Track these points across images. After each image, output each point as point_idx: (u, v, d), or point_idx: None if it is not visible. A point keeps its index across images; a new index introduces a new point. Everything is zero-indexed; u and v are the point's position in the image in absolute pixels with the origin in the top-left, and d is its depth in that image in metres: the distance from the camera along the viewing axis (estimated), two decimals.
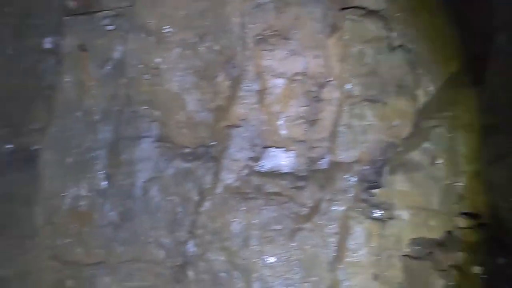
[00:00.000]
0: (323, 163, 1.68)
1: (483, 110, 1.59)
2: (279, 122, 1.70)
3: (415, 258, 1.58)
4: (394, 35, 1.67)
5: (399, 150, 1.64)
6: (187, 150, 1.74)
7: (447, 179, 1.60)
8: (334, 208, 1.64)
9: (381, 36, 1.67)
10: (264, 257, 1.64)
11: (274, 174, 1.69)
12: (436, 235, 1.58)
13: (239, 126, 1.71)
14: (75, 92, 1.81)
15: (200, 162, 1.72)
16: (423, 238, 1.59)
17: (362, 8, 1.68)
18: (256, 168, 1.70)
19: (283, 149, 1.70)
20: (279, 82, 1.71)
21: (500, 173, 1.50)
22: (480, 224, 1.57)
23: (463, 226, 1.58)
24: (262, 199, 1.68)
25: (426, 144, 1.61)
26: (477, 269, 1.55)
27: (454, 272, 1.56)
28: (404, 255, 1.58)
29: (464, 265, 1.56)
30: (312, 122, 1.69)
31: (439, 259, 1.56)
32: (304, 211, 1.66)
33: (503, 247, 1.51)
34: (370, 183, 1.64)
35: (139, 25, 1.79)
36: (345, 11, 1.69)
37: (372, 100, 1.66)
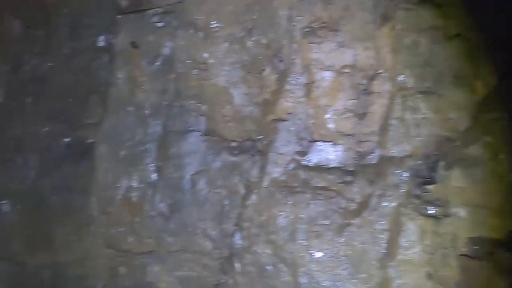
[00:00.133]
0: (373, 158, 1.62)
1: None
2: (327, 116, 1.67)
3: (474, 258, 1.49)
4: (450, 23, 1.58)
5: (456, 144, 1.55)
6: (234, 144, 1.76)
7: (510, 175, 1.49)
8: (384, 204, 1.58)
9: (436, 25, 1.59)
10: (311, 251, 1.62)
11: (321, 169, 1.67)
12: (498, 235, 1.48)
13: (286, 120, 1.70)
14: (127, 88, 1.89)
15: (247, 155, 1.73)
16: (483, 237, 1.49)
17: None
18: (303, 162, 1.68)
19: (331, 143, 1.66)
20: (327, 75, 1.68)
21: None
22: None
23: None
24: (309, 193, 1.65)
25: (486, 138, 1.52)
26: None
27: None
28: (461, 255, 1.50)
29: None
30: (361, 116, 1.64)
31: (502, 260, 1.46)
32: (353, 206, 1.62)
33: None
34: (424, 178, 1.56)
35: (187, 21, 1.83)
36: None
37: (426, 92, 1.58)
